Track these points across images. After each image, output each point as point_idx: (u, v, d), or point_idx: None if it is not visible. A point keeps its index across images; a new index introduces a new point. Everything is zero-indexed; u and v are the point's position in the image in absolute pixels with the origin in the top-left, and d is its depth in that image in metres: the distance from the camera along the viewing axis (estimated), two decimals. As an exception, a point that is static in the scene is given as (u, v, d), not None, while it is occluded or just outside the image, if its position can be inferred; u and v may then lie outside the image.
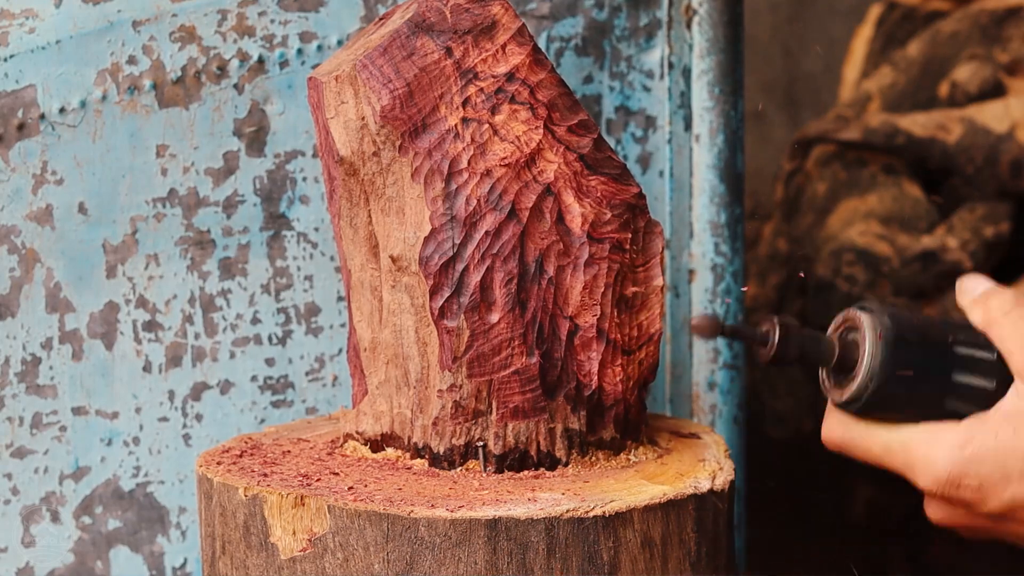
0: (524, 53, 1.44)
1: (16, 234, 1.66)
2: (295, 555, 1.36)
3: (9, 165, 1.65)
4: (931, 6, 3.71)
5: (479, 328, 1.41)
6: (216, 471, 1.43)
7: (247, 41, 1.71)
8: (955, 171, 3.37)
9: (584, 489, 1.38)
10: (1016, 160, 3.31)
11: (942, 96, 3.51)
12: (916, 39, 3.63)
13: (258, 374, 1.76)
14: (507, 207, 1.42)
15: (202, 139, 1.71)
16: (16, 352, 1.68)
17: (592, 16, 1.83)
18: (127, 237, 1.70)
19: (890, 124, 3.39)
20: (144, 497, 1.73)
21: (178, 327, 1.73)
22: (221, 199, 1.72)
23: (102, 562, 1.72)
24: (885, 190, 3.37)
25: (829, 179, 3.44)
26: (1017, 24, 3.51)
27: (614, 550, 1.34)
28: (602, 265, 1.44)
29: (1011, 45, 3.50)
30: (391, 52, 1.42)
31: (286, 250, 1.75)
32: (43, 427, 1.69)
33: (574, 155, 1.44)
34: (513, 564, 1.32)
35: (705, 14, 1.87)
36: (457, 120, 1.42)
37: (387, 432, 1.48)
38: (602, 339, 1.45)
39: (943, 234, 3.29)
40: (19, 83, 1.64)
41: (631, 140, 1.87)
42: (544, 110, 1.44)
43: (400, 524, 1.32)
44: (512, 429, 1.43)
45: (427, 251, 1.41)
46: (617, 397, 1.46)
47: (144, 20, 1.68)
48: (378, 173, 1.43)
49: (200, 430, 1.74)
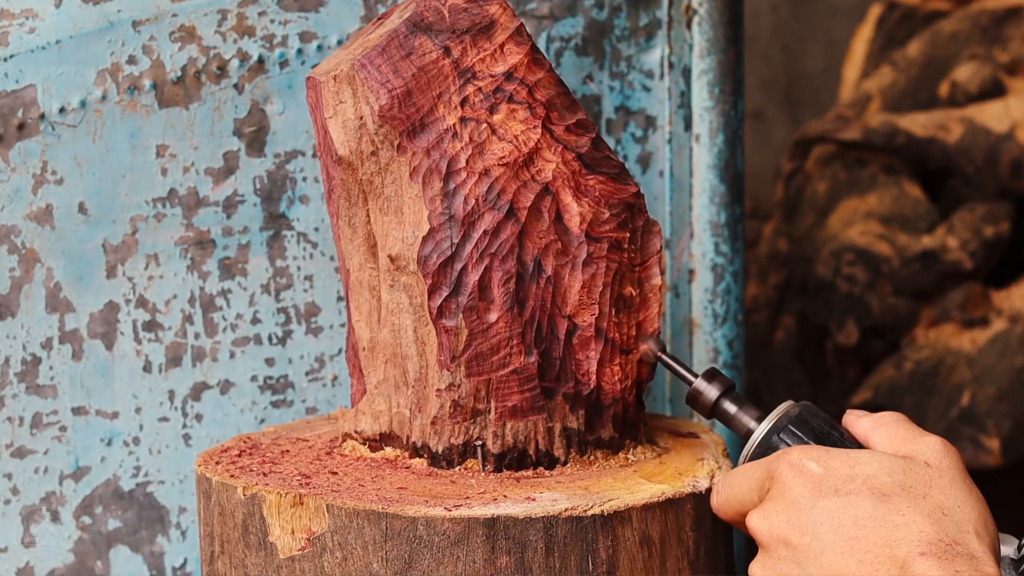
0: (522, 52, 1.44)
1: (16, 234, 1.67)
2: (294, 554, 1.36)
3: (9, 165, 1.65)
4: (931, 6, 3.71)
5: (477, 327, 1.42)
6: (215, 471, 1.43)
7: (247, 41, 1.71)
8: (955, 171, 3.37)
9: (582, 488, 1.38)
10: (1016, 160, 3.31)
11: (942, 96, 3.51)
12: (916, 39, 3.63)
13: (258, 374, 1.76)
14: (505, 206, 1.42)
15: (202, 139, 1.71)
16: (16, 352, 1.68)
17: (592, 16, 1.83)
18: (127, 237, 1.70)
19: (890, 124, 3.40)
20: (144, 497, 1.73)
21: (178, 327, 1.73)
22: (221, 199, 1.73)
23: (102, 562, 1.72)
24: (885, 190, 3.37)
25: (829, 179, 3.44)
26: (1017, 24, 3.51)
27: (612, 549, 1.34)
28: (600, 264, 1.44)
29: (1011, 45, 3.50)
30: (389, 52, 1.42)
31: (286, 250, 1.75)
32: (43, 427, 1.70)
33: (572, 154, 1.45)
34: (511, 563, 1.32)
35: (705, 14, 1.87)
36: (455, 119, 1.42)
37: (386, 431, 1.48)
38: (600, 338, 1.45)
39: (943, 234, 3.29)
40: (19, 83, 1.65)
41: (631, 140, 1.87)
42: (542, 109, 1.44)
43: (399, 523, 1.32)
44: (511, 428, 1.43)
45: (425, 250, 1.41)
46: (615, 396, 1.46)
47: (144, 20, 1.68)
48: (376, 173, 1.43)
49: (200, 430, 1.75)
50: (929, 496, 1.30)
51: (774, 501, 1.34)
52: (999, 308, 3.24)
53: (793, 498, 1.32)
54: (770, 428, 1.41)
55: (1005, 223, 3.29)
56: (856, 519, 1.29)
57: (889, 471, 1.31)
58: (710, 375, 1.47)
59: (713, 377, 1.47)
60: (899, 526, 1.28)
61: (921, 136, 3.37)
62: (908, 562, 1.25)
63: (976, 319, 3.24)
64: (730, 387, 1.47)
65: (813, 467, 1.32)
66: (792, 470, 1.33)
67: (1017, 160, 3.30)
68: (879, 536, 1.28)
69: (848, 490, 1.30)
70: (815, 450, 1.34)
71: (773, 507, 1.33)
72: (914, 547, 1.26)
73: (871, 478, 1.31)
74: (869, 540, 1.28)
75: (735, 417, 1.46)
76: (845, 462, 1.32)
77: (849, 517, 1.29)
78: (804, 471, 1.32)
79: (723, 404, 1.46)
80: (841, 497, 1.30)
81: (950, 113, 3.40)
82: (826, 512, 1.30)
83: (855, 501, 1.29)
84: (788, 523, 1.32)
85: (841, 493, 1.30)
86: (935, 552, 1.26)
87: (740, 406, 1.46)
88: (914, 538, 1.27)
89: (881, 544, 1.27)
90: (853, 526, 1.29)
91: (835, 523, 1.29)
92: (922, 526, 1.27)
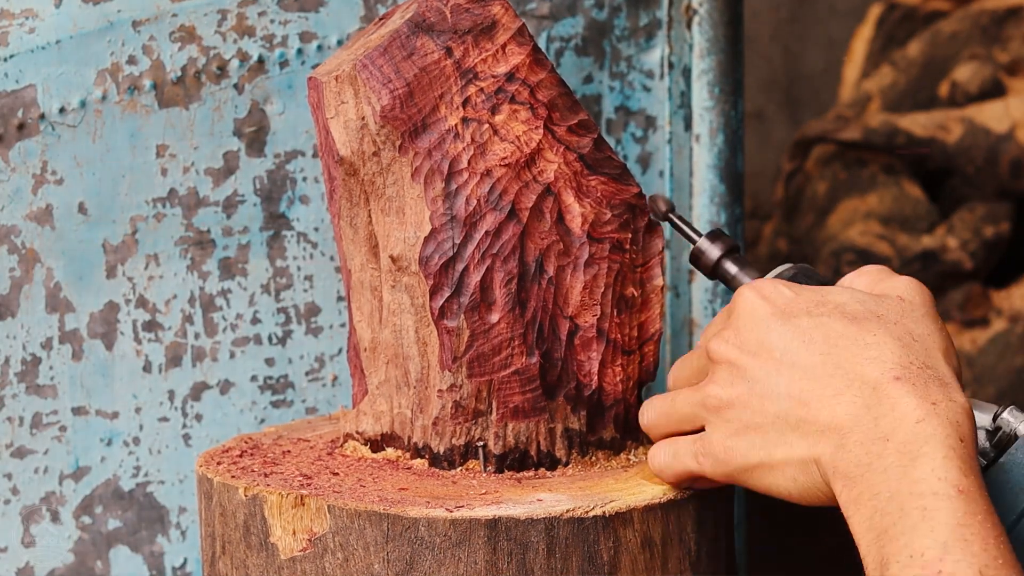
0: (524, 53, 1.44)
1: (16, 234, 1.66)
2: (295, 555, 1.36)
3: (9, 165, 1.65)
4: (931, 6, 3.71)
5: (479, 328, 1.42)
6: (216, 471, 1.43)
7: (247, 41, 1.71)
8: (955, 171, 3.37)
9: (584, 489, 1.38)
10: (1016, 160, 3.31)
11: (942, 96, 3.52)
12: (916, 39, 3.63)
13: (258, 374, 1.76)
14: (507, 207, 1.42)
15: (202, 139, 1.71)
16: (16, 352, 1.68)
17: (592, 16, 1.83)
18: (127, 237, 1.70)
19: (890, 124, 3.40)
20: (144, 497, 1.73)
21: (178, 327, 1.73)
22: (221, 199, 1.73)
23: (102, 562, 1.72)
24: (885, 190, 3.37)
25: (829, 179, 3.44)
26: (1017, 24, 3.51)
27: (614, 550, 1.34)
28: (602, 265, 1.44)
29: (1011, 45, 3.50)
30: (391, 52, 1.42)
31: (286, 250, 1.75)
32: (43, 427, 1.69)
33: (574, 155, 1.45)
34: (513, 564, 1.32)
35: (705, 14, 1.87)
36: (457, 120, 1.42)
37: (387, 432, 1.48)
38: (602, 339, 1.45)
39: (943, 234, 3.29)
40: (19, 83, 1.64)
41: (631, 140, 1.87)
42: (544, 110, 1.44)
43: (400, 524, 1.32)
44: (512, 429, 1.43)
45: (427, 251, 1.41)
46: (617, 397, 1.46)
47: (144, 20, 1.68)
48: (378, 173, 1.43)
49: (200, 430, 1.74)
50: (900, 323, 1.29)
51: (738, 323, 1.32)
52: (999, 308, 3.24)
53: (763, 316, 1.31)
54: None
55: (1005, 223, 3.30)
56: (827, 336, 1.27)
57: (861, 300, 1.31)
58: (714, 235, 1.47)
59: (717, 237, 1.47)
60: (870, 345, 1.26)
61: (921, 136, 3.37)
62: (881, 384, 1.24)
63: (976, 319, 3.24)
64: (733, 247, 1.47)
65: (785, 291, 1.32)
66: (760, 294, 1.32)
67: (1017, 160, 3.31)
68: (851, 354, 1.26)
69: (820, 312, 1.29)
70: (785, 282, 1.34)
71: (739, 327, 1.32)
72: (887, 369, 1.24)
73: (843, 304, 1.30)
74: (840, 357, 1.26)
75: (735, 277, 1.46)
76: (816, 291, 1.32)
77: (820, 335, 1.28)
78: (775, 293, 1.32)
79: (724, 264, 1.46)
80: (813, 318, 1.29)
81: (950, 113, 3.40)
82: (797, 329, 1.29)
83: (826, 322, 1.28)
84: (757, 340, 1.30)
85: (813, 315, 1.29)
86: (908, 377, 1.23)
87: (741, 267, 1.46)
88: (887, 358, 1.25)
89: (852, 361, 1.26)
90: (824, 342, 1.27)
91: (806, 339, 1.28)
92: (894, 348, 1.26)
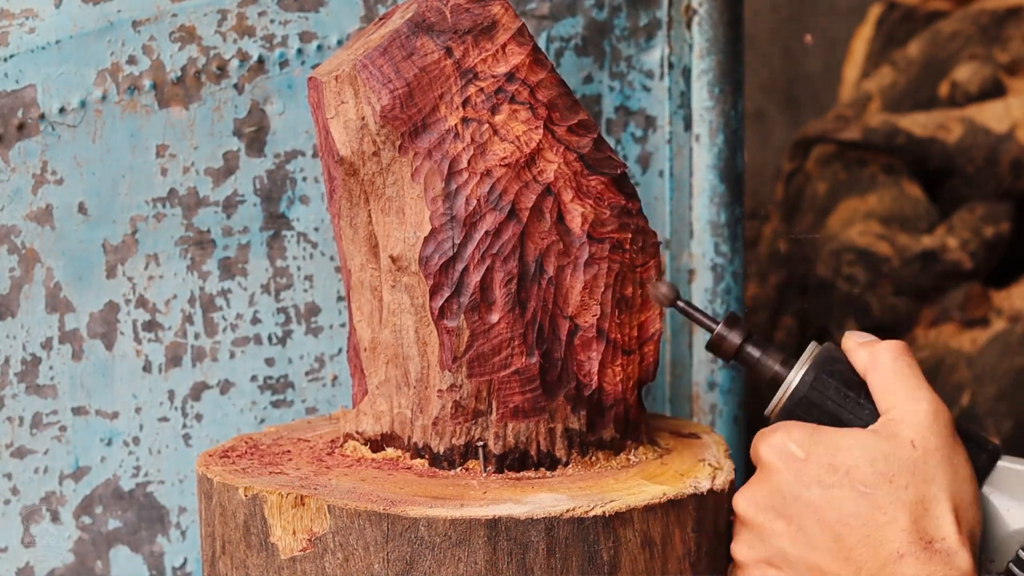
0: (524, 53, 1.44)
1: (16, 234, 1.66)
2: (295, 555, 1.36)
3: (9, 165, 1.65)
4: (931, 6, 3.71)
5: (479, 328, 1.41)
6: (216, 471, 1.43)
7: (247, 41, 1.71)
8: (955, 171, 3.37)
9: (584, 489, 1.38)
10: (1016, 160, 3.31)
11: (942, 96, 3.51)
12: (916, 39, 3.63)
13: (258, 374, 1.76)
14: (507, 207, 1.42)
15: (202, 139, 1.71)
16: (16, 352, 1.68)
17: (592, 16, 1.83)
18: (127, 237, 1.70)
19: (890, 124, 3.40)
20: (144, 497, 1.73)
21: (178, 327, 1.73)
22: (221, 199, 1.73)
23: (102, 562, 1.72)
24: (885, 190, 3.37)
25: (829, 179, 3.44)
26: (1017, 24, 3.51)
27: (614, 550, 1.34)
28: (602, 265, 1.44)
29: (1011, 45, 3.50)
30: (391, 52, 1.42)
31: (286, 250, 1.75)
32: (43, 427, 1.69)
33: (574, 155, 1.44)
34: (513, 564, 1.32)
35: (705, 14, 1.87)
36: (457, 120, 1.42)
37: (387, 432, 1.48)
38: (602, 339, 1.45)
39: (943, 234, 3.29)
40: (19, 83, 1.64)
41: (631, 140, 1.87)
42: (544, 110, 1.44)
43: (400, 524, 1.32)
44: (512, 429, 1.43)
45: (427, 251, 1.41)
46: (617, 397, 1.46)
47: (144, 20, 1.68)
48: (378, 173, 1.43)
49: (200, 430, 1.74)
50: (911, 487, 1.33)
51: (759, 483, 1.37)
52: (999, 308, 3.24)
53: (777, 483, 1.36)
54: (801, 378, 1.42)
55: (1005, 223, 3.30)
56: (840, 517, 1.33)
57: (871, 460, 1.34)
58: (731, 321, 1.47)
59: (735, 323, 1.47)
60: (882, 525, 1.32)
61: (921, 136, 3.37)
62: (889, 563, 1.31)
63: (976, 319, 3.24)
64: (751, 332, 1.47)
65: (796, 451, 1.36)
66: (774, 453, 1.36)
67: (1017, 160, 3.30)
68: (862, 535, 1.32)
69: (830, 483, 1.34)
70: (797, 431, 1.37)
71: (759, 489, 1.37)
72: (895, 548, 1.31)
73: (853, 469, 1.34)
74: (853, 538, 1.33)
75: (759, 361, 1.46)
76: (828, 448, 1.35)
77: (833, 514, 1.33)
78: (786, 456, 1.36)
79: (747, 349, 1.47)
80: (824, 490, 1.34)
81: (950, 113, 3.40)
82: (810, 506, 1.34)
83: (838, 496, 1.33)
84: (774, 509, 1.36)
85: (824, 486, 1.34)
86: (914, 553, 1.31)
87: (763, 351, 1.46)
88: (895, 538, 1.31)
89: (864, 543, 1.32)
90: (837, 523, 1.33)
91: (819, 517, 1.34)
92: (904, 524, 1.32)
